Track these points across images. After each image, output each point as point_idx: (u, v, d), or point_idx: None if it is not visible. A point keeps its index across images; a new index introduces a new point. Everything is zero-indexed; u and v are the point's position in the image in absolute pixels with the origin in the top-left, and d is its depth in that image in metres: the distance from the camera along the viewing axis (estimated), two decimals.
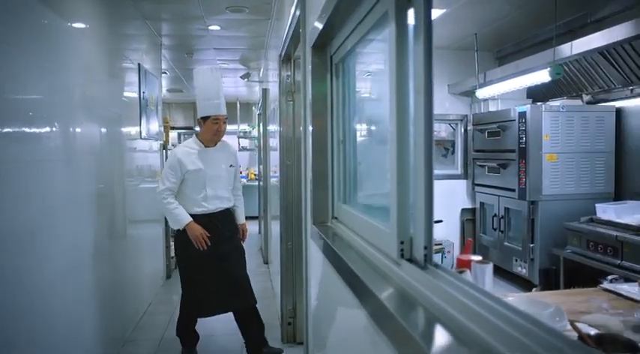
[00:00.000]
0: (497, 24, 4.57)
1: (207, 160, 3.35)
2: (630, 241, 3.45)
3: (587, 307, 1.79)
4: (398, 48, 1.11)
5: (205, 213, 3.31)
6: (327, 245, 1.61)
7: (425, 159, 1.00)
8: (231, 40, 6.01)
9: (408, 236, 1.08)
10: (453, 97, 5.72)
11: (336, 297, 1.52)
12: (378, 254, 1.23)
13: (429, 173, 1.00)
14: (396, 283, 1.07)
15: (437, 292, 0.90)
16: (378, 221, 1.32)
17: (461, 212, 5.73)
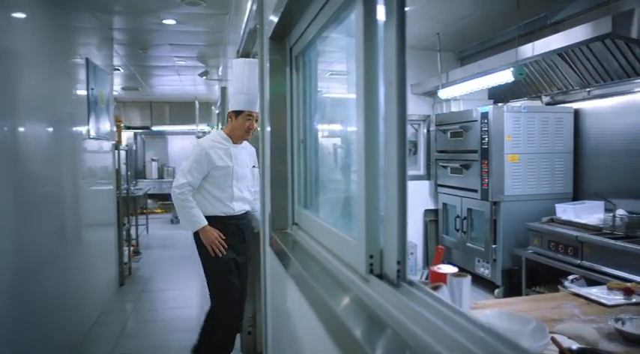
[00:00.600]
0: (460, 24, 4.54)
1: (236, 157, 3.10)
2: (589, 241, 3.47)
3: (559, 314, 1.72)
4: (366, 34, 0.98)
5: (231, 215, 3.05)
6: (286, 255, 1.47)
7: (397, 160, 0.87)
8: (189, 36, 5.76)
9: (378, 249, 0.95)
10: (415, 97, 5.69)
11: (297, 313, 1.38)
12: (344, 268, 1.10)
13: (401, 176, 0.87)
14: (363, 303, 0.94)
15: (410, 315, 0.78)
16: (343, 231, 1.18)
17: (424, 213, 5.70)
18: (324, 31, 1.45)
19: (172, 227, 10.17)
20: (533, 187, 4.31)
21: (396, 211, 0.89)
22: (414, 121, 5.76)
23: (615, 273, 3.22)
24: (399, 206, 0.88)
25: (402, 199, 0.88)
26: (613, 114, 3.98)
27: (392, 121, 0.87)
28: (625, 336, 1.49)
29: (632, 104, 3.74)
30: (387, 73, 0.90)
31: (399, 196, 0.88)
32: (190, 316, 4.52)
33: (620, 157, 3.88)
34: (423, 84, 5.42)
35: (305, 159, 1.79)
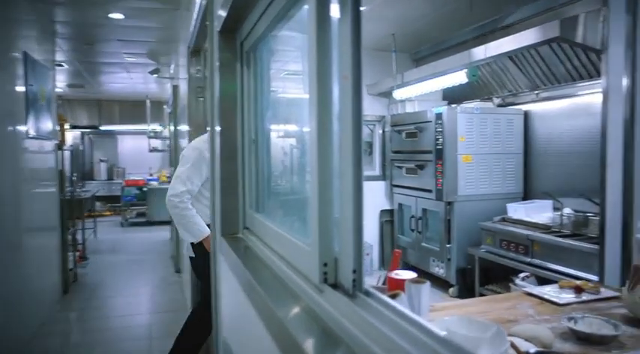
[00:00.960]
0: (415, 25, 4.57)
1: None
2: (539, 239, 3.55)
3: (514, 315, 1.72)
4: (319, 26, 0.91)
5: None
6: (237, 262, 1.38)
7: (353, 159, 0.81)
8: (138, 31, 5.53)
9: (333, 257, 0.89)
10: (371, 97, 5.69)
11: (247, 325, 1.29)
12: (297, 277, 1.02)
13: (357, 178, 0.81)
14: (316, 316, 0.87)
15: (366, 329, 0.71)
16: (296, 236, 1.11)
17: (380, 214, 5.71)
18: (275, 25, 1.37)
19: (122, 230, 9.80)
20: (485, 187, 4.38)
21: (351, 215, 0.83)
22: (370, 121, 5.76)
23: (563, 270, 3.32)
24: (355, 210, 0.82)
25: (357, 202, 0.82)
26: (560, 116, 4.11)
27: (347, 118, 0.80)
28: (578, 335, 1.50)
29: (578, 107, 3.86)
30: (342, 67, 0.84)
31: (355, 199, 0.82)
32: (141, 324, 4.33)
33: (567, 158, 4.00)
34: (378, 84, 5.42)
35: (257, 160, 1.70)
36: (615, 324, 1.51)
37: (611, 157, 2.84)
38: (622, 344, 1.45)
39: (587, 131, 3.67)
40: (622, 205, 2.77)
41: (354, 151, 0.79)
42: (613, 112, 2.82)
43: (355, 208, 0.82)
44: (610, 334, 1.46)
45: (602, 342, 1.45)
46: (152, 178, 10.83)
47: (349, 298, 0.81)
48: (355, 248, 0.82)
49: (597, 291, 1.94)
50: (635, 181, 2.74)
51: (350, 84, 0.78)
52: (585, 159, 3.69)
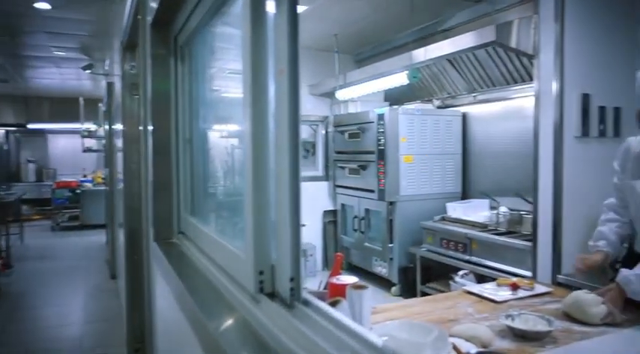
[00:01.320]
0: (357, 26, 4.59)
1: None
2: (477, 237, 3.66)
3: (454, 314, 1.73)
4: (253, 17, 0.85)
5: None
6: (169, 270, 1.29)
7: (290, 160, 0.75)
8: (67, 24, 5.20)
9: (269, 264, 0.83)
10: (313, 98, 5.67)
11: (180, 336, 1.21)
12: (232, 286, 0.96)
13: (294, 180, 0.76)
14: (252, 328, 0.81)
15: (303, 342, 0.67)
16: (231, 242, 1.04)
17: (323, 214, 5.70)
18: (209, 18, 1.30)
19: (53, 235, 9.23)
20: (426, 187, 4.47)
21: (288, 220, 0.77)
22: (313, 121, 5.74)
23: (500, 267, 3.43)
24: (292, 214, 0.77)
25: (294, 206, 0.77)
26: (495, 118, 4.26)
27: (283, 115, 0.75)
28: (514, 332, 1.53)
29: (512, 109, 4.02)
30: (278, 61, 0.78)
31: (292, 202, 0.77)
32: (70, 336, 4.06)
33: (502, 158, 4.16)
34: (321, 85, 5.41)
35: (192, 161, 1.61)
36: (549, 319, 1.55)
37: (543, 158, 2.96)
38: (555, 339, 1.49)
39: (521, 133, 3.82)
40: (553, 204, 2.90)
41: (291, 151, 0.74)
42: (544, 115, 2.94)
43: (292, 212, 0.77)
44: (544, 329, 1.49)
45: (537, 338, 1.49)
46: (86, 179, 10.28)
47: (286, 308, 0.76)
48: (293, 255, 0.77)
49: (532, 287, 2.00)
50: (564, 181, 2.87)
51: (286, 79, 0.73)
52: (519, 159, 3.84)
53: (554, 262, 2.89)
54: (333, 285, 1.05)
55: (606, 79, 2.92)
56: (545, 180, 2.94)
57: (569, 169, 2.88)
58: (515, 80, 3.77)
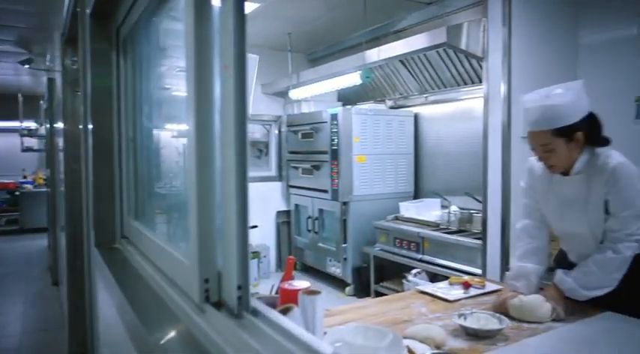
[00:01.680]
0: (311, 25, 4.56)
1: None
2: (429, 236, 3.71)
3: (408, 315, 1.73)
4: (197, 7, 0.79)
5: None
6: (109, 277, 1.21)
7: (236, 160, 0.70)
8: (4, 15, 4.88)
9: (215, 271, 0.78)
10: (266, 97, 5.60)
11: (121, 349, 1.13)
12: (177, 295, 0.90)
13: (241, 181, 0.71)
14: (196, 340, 0.75)
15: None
16: (176, 248, 0.97)
17: (276, 215, 5.64)
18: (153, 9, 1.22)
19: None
20: (379, 186, 4.49)
21: (235, 224, 0.72)
22: (266, 121, 5.67)
23: (451, 265, 3.49)
24: (239, 217, 0.72)
25: (242, 209, 0.72)
26: (446, 118, 4.34)
27: (229, 112, 0.70)
28: (467, 331, 1.54)
29: (462, 110, 4.11)
30: (223, 56, 0.73)
31: (239, 205, 0.72)
32: (7, 348, 3.80)
33: (453, 158, 4.24)
34: (274, 84, 5.35)
35: (136, 161, 1.52)
36: (500, 318, 1.57)
37: (492, 158, 3.03)
38: (506, 337, 1.51)
39: (470, 133, 3.91)
40: (501, 203, 2.97)
41: (237, 150, 0.69)
42: (493, 116, 3.01)
43: (239, 216, 0.72)
44: (495, 328, 1.51)
45: (489, 336, 1.50)
46: (26, 180, 9.71)
47: (234, 318, 0.71)
48: (240, 261, 0.72)
49: (483, 286, 2.03)
50: (511, 181, 2.95)
51: (232, 74, 0.68)
52: (469, 159, 3.92)
53: (502, 260, 2.97)
54: (284, 290, 1.01)
55: (550, 80, 3.02)
56: (494, 179, 3.02)
57: (516, 169, 2.97)
58: (465, 82, 3.85)
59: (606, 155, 1.71)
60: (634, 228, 1.67)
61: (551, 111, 1.67)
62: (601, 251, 1.71)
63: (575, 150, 1.71)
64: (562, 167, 1.76)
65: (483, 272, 3.07)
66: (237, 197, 0.71)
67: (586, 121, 1.70)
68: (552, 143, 1.70)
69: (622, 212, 1.68)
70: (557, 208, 1.84)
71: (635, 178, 1.68)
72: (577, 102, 1.69)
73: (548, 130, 1.69)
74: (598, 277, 1.67)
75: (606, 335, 1.52)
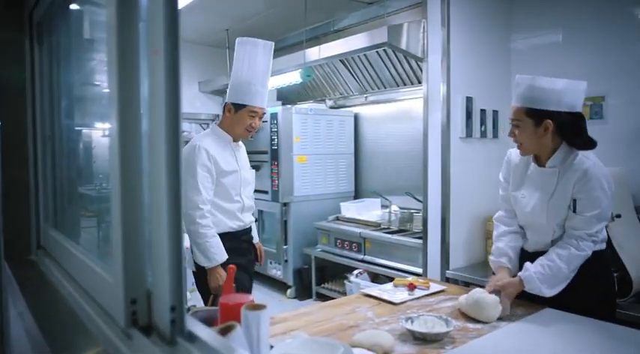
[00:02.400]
0: (250, 22, 4.43)
1: (240, 158, 2.47)
2: (370, 236, 3.70)
3: (354, 320, 1.68)
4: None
5: (243, 229, 2.44)
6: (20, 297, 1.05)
7: (168, 161, 0.60)
8: None
9: (144, 290, 0.67)
10: (203, 95, 5.40)
11: None
12: (100, 318, 0.77)
13: (173, 186, 0.61)
14: None
15: None
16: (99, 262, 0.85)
17: None
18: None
19: None
20: (320, 187, 4.45)
21: (167, 234, 0.62)
22: (203, 120, 5.47)
23: (392, 265, 3.50)
24: (172, 227, 0.62)
25: (174, 218, 0.62)
26: (386, 119, 4.37)
27: (159, 106, 0.60)
28: (415, 335, 1.50)
29: (402, 111, 4.15)
30: (152, 40, 0.63)
31: (171, 213, 0.62)
32: None
33: (393, 158, 4.27)
34: (211, 82, 5.17)
35: (54, 161, 1.36)
36: (447, 320, 1.55)
37: (432, 158, 3.06)
38: (453, 339, 1.50)
39: (410, 133, 3.95)
40: (441, 202, 3.01)
41: (169, 149, 0.59)
42: (432, 117, 3.04)
43: (172, 225, 0.62)
44: (443, 331, 1.49)
45: (437, 339, 1.48)
46: None
47: (166, 345, 0.61)
48: (174, 278, 0.62)
49: (427, 287, 2.02)
50: (451, 180, 3.00)
51: (162, 61, 0.58)
52: (409, 159, 3.96)
53: (442, 259, 3.01)
54: (225, 306, 0.91)
55: (486, 83, 3.11)
56: (434, 179, 3.05)
57: (455, 169, 3.02)
58: (405, 82, 3.89)
59: (583, 155, 1.76)
60: (595, 229, 1.73)
61: (531, 91, 1.78)
62: (563, 247, 1.75)
63: (543, 137, 1.78)
64: (528, 149, 1.85)
65: (424, 272, 3.09)
66: (168, 205, 0.61)
67: (564, 116, 1.76)
68: (521, 121, 1.79)
69: (588, 212, 1.72)
70: (525, 196, 1.90)
71: (604, 181, 1.73)
72: (561, 95, 1.75)
73: (521, 106, 1.79)
74: (563, 272, 1.70)
75: (548, 332, 1.54)
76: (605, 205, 1.74)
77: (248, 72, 2.39)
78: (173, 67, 0.57)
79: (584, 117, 1.81)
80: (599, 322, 1.63)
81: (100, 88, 1.44)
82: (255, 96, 2.38)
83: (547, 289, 1.70)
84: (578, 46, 3.02)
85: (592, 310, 1.71)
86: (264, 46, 2.47)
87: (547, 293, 1.70)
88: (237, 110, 2.37)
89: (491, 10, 3.23)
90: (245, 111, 2.36)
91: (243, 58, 2.42)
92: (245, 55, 2.43)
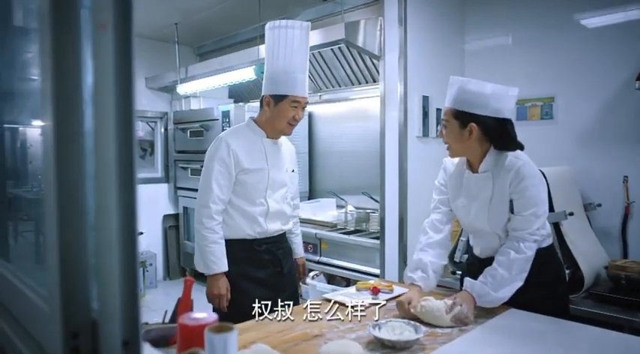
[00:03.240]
0: (200, 16, 4.25)
1: (272, 157, 2.17)
2: (326, 237, 3.64)
3: (319, 329, 1.59)
4: None
5: (264, 238, 2.14)
6: None
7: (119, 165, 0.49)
8: None
9: (88, 321, 0.55)
10: (151, 92, 5.15)
11: None
12: None
13: (127, 192, 0.50)
14: None
15: None
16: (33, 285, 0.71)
17: (163, 219, 5.22)
18: None
19: None
20: None
21: (117, 251, 0.51)
22: (150, 118, 5.23)
23: (349, 265, 3.44)
24: (124, 240, 0.51)
25: (128, 229, 0.51)
26: (341, 118, 4.32)
27: (107, 94, 0.48)
28: (384, 343, 1.44)
29: (357, 110, 4.11)
30: (99, 12, 0.51)
31: (124, 225, 0.51)
32: None
33: (348, 158, 4.23)
34: (159, 78, 4.94)
35: None
36: (415, 326, 1.50)
37: (389, 158, 3.03)
38: (423, 346, 1.44)
39: (367, 133, 3.92)
40: (398, 202, 2.98)
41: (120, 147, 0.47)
42: (389, 116, 3.01)
43: (124, 239, 0.50)
44: (413, 338, 1.43)
45: (407, 347, 1.42)
46: None
47: None
48: (127, 304, 0.51)
49: (391, 290, 1.96)
50: (408, 180, 2.97)
51: (111, 37, 0.47)
52: (365, 158, 3.93)
53: (400, 259, 2.98)
54: (185, 328, 0.78)
55: (441, 83, 3.10)
56: (391, 178, 3.02)
57: (412, 168, 3.00)
58: (360, 81, 3.84)
59: (513, 156, 1.76)
60: (534, 227, 1.72)
61: (461, 93, 1.78)
62: (502, 253, 1.73)
63: (468, 140, 1.77)
64: (455, 151, 1.84)
65: (382, 272, 3.05)
66: (119, 214, 0.50)
67: (490, 120, 1.75)
68: (449, 122, 1.81)
69: (525, 211, 1.71)
70: (465, 205, 1.88)
71: (537, 178, 1.74)
72: (489, 99, 1.75)
73: (451, 107, 1.80)
74: (505, 278, 1.68)
75: (514, 333, 1.53)
76: (542, 201, 1.74)
77: (285, 59, 2.14)
78: (125, 44, 0.46)
79: (512, 122, 1.80)
80: (558, 321, 1.63)
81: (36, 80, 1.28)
82: (296, 84, 2.14)
83: (495, 293, 1.67)
84: (528, 49, 3.08)
85: (549, 307, 1.72)
86: (301, 27, 2.20)
87: (496, 301, 1.68)
88: (277, 102, 2.13)
89: (446, 10, 3.25)
90: (287, 102, 2.12)
91: (276, 44, 2.16)
92: (279, 41, 2.16)
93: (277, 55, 2.14)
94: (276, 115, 2.14)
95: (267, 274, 2.17)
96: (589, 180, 2.81)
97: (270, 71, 2.16)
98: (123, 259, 0.53)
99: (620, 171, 2.70)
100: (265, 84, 2.17)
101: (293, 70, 2.13)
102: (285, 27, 2.14)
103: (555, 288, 1.85)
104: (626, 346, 1.45)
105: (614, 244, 2.73)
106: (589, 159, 2.82)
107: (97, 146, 0.53)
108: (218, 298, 2.06)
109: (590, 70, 2.81)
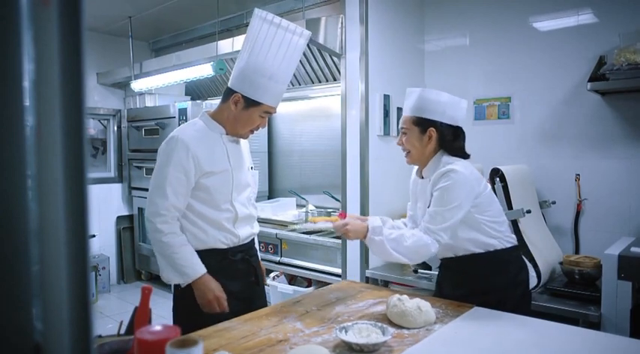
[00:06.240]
0: (155, 10, 4.10)
1: (234, 156, 1.93)
2: (286, 237, 3.59)
3: (283, 333, 1.54)
4: None
5: (237, 246, 1.95)
6: None
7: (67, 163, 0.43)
8: None
9: (29, 346, 0.48)
10: (103, 88, 4.94)
11: None
12: None
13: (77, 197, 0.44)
14: None
15: None
16: None
17: (116, 220, 5.02)
18: None
19: None
20: None
21: (65, 260, 0.45)
22: (102, 116, 5.01)
23: (311, 266, 3.40)
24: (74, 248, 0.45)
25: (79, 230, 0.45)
26: (301, 117, 4.28)
27: (51, 82, 0.42)
28: (351, 346, 1.40)
29: (318, 108, 4.08)
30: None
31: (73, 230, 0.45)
32: None
33: (309, 157, 4.19)
34: (111, 74, 4.74)
35: None
36: (383, 327, 1.47)
37: (350, 156, 3.01)
38: (391, 348, 1.42)
39: (327, 131, 3.89)
40: (360, 201, 2.97)
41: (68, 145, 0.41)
42: (350, 114, 2.99)
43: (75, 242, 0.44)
44: (380, 341, 1.40)
45: (375, 350, 1.39)
46: None
47: None
48: (77, 322, 0.44)
49: None
50: (369, 179, 2.97)
51: (55, 15, 0.40)
52: (326, 157, 3.90)
53: (362, 259, 2.97)
54: (143, 343, 0.71)
55: (402, 82, 3.12)
56: (353, 177, 3.00)
57: (374, 167, 3.00)
58: (320, 80, 3.81)
59: (449, 162, 1.83)
60: (433, 226, 1.75)
61: (419, 101, 1.87)
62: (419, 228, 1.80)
63: (427, 146, 1.87)
64: (414, 158, 1.92)
65: (343, 272, 3.03)
66: (67, 219, 0.44)
67: (446, 127, 1.87)
68: (409, 129, 1.89)
69: (434, 207, 1.78)
70: (420, 207, 1.97)
71: (460, 185, 1.75)
72: (445, 107, 1.86)
73: (410, 115, 1.89)
74: (399, 241, 1.74)
75: (480, 332, 1.53)
76: (454, 206, 1.74)
77: (273, 64, 1.85)
78: (73, 22, 0.40)
79: (464, 132, 1.93)
80: (521, 317, 1.65)
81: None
82: (276, 95, 1.90)
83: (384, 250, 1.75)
84: (485, 50, 3.14)
85: (512, 305, 1.76)
86: (301, 35, 1.95)
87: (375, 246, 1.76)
88: (248, 106, 1.86)
89: (407, 10, 3.26)
90: (258, 110, 1.87)
91: (267, 42, 1.86)
92: (271, 41, 1.87)
93: (265, 54, 1.85)
94: (241, 118, 1.89)
95: (242, 285, 1.98)
96: (544, 178, 2.89)
97: (252, 69, 1.85)
98: (72, 270, 0.46)
99: (572, 169, 2.79)
100: (238, 79, 1.88)
101: (278, 79, 1.88)
102: (285, 29, 1.90)
103: (517, 288, 1.89)
104: (583, 340, 1.47)
105: (567, 240, 2.82)
106: (544, 157, 2.91)
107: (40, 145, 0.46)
108: (216, 301, 1.83)
109: (544, 71, 2.89)
